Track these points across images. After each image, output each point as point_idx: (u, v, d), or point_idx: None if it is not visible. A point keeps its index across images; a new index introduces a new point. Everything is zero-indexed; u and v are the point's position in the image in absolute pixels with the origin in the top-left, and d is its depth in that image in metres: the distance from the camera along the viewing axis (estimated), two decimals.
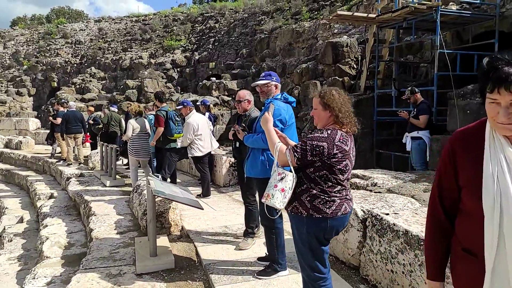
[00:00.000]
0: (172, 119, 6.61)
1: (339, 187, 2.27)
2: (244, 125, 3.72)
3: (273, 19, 19.40)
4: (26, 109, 21.15)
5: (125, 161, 9.76)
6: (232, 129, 3.99)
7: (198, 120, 6.45)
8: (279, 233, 3.22)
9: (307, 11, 17.53)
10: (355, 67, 9.86)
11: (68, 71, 24.38)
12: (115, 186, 7.43)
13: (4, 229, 7.03)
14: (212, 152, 7.03)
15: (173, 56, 22.46)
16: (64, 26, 29.92)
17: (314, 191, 2.24)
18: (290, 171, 2.27)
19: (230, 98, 15.28)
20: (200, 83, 17.62)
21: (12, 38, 29.03)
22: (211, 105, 10.77)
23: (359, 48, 10.04)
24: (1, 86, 22.96)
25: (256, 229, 4.17)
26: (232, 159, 7.30)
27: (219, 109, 14.23)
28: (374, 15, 8.08)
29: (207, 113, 8.23)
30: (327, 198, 2.23)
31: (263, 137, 2.96)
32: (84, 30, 28.86)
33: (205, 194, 6.40)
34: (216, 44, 22.12)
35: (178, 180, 7.34)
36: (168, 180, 6.43)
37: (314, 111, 2.40)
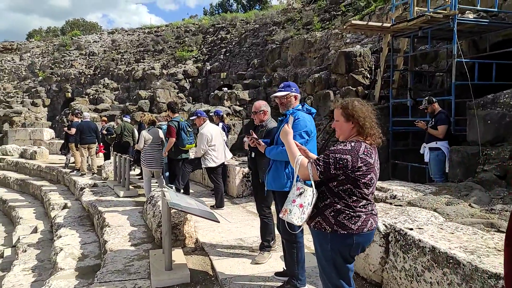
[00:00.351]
0: (184, 130, 6.61)
1: (364, 201, 2.18)
2: (251, 132, 3.62)
3: (284, 29, 19.48)
4: (41, 119, 21.49)
5: (138, 171, 9.78)
6: (244, 139, 3.92)
7: (211, 131, 6.42)
8: (300, 248, 3.12)
9: (319, 21, 17.56)
10: (369, 76, 9.78)
11: (82, 82, 24.79)
12: (129, 197, 7.41)
13: (19, 239, 7.05)
14: (225, 163, 6.98)
15: (185, 67, 22.68)
16: (79, 38, 30.55)
17: (338, 206, 2.16)
18: (311, 185, 2.19)
19: (241, 108, 15.30)
20: (212, 93, 17.70)
21: (28, 50, 29.72)
22: (225, 115, 10.76)
23: (373, 58, 9.97)
24: (17, 97, 23.42)
25: (272, 242, 4.08)
26: (245, 170, 7.24)
27: (231, 119, 14.23)
28: (389, 24, 8.02)
29: (220, 123, 8.20)
30: (352, 213, 2.15)
31: None
32: (98, 42, 29.40)
33: (219, 205, 6.33)
34: (227, 54, 22.27)
35: (191, 191, 7.30)
36: (181, 191, 6.38)
37: (336, 123, 2.33)
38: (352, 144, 2.17)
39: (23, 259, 5.94)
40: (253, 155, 4.01)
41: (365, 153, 2.15)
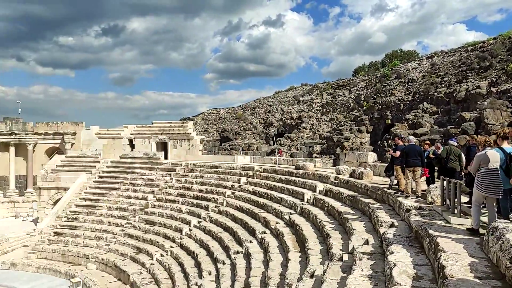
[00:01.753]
0: None
1: None
2: None
3: None
4: (364, 144, 24.02)
5: (466, 198, 8.92)
6: None
7: None
8: None
9: None
10: None
11: (400, 109, 25.81)
12: (460, 224, 6.85)
13: (354, 248, 8.01)
14: None
15: None
16: (398, 67, 32.23)
17: None
18: None
19: None
20: None
21: (355, 85, 34.29)
22: None
23: None
24: (346, 125, 27.35)
25: None
26: None
27: None
28: None
29: None
30: None
31: None
32: (417, 68, 29.87)
33: None
34: None
35: None
36: None
37: None
38: None
39: (360, 266, 6.67)
40: None
41: None
